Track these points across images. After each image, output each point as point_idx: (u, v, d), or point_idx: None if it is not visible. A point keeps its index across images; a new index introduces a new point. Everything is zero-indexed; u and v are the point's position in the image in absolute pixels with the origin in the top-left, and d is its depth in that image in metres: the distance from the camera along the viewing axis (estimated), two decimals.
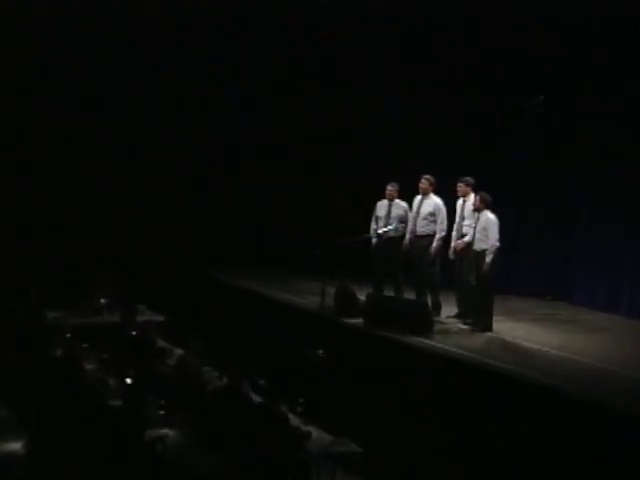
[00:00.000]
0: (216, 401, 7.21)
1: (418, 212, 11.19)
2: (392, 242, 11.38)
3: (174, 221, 14.39)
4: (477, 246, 10.38)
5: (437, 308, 11.07)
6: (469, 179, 11.01)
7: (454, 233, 11.04)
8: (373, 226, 11.62)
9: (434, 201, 11.14)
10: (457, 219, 11.08)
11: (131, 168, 14.28)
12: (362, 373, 9.77)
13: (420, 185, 11.21)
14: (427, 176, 11.23)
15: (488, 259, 10.24)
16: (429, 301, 11.00)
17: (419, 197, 11.26)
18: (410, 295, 11.23)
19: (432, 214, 11.08)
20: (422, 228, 11.13)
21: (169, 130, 14.53)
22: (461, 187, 11.01)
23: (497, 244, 10.30)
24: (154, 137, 14.42)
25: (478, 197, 10.48)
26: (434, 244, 11.00)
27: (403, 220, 11.38)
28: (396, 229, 11.34)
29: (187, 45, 14.37)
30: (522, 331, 10.65)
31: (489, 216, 10.41)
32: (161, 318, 10.84)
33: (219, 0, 14.16)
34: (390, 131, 14.19)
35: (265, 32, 14.39)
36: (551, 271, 13.14)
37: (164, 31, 14.10)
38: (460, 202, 11.10)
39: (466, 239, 10.69)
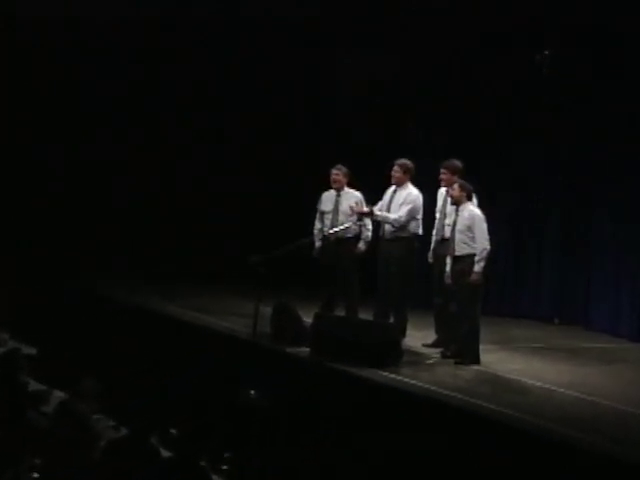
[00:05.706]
0: (111, 458, 7.17)
1: (388, 208, 11.28)
2: (343, 245, 11.49)
3: (54, 224, 14.36)
4: (459, 251, 10.49)
5: (401, 332, 11.11)
6: (457, 163, 11.07)
7: (434, 232, 11.16)
8: (317, 225, 11.72)
9: (410, 192, 11.22)
10: (438, 215, 11.16)
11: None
12: (308, 419, 9.80)
13: (392, 174, 11.31)
14: (401, 161, 11.32)
15: (477, 267, 10.34)
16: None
17: (392, 189, 11.35)
18: (368, 316, 11.32)
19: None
20: (392, 228, 11.20)
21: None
22: (445, 174, 11.08)
23: (488, 247, 10.40)
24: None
25: (457, 185, 10.57)
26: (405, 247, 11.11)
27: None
28: (351, 227, 11.39)
29: None
30: (519, 364, 10.83)
31: (473, 211, 10.51)
32: (33, 350, 10.75)
33: None
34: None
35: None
36: (560, 287, 13.32)
37: None
38: (442, 192, 11.19)
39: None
